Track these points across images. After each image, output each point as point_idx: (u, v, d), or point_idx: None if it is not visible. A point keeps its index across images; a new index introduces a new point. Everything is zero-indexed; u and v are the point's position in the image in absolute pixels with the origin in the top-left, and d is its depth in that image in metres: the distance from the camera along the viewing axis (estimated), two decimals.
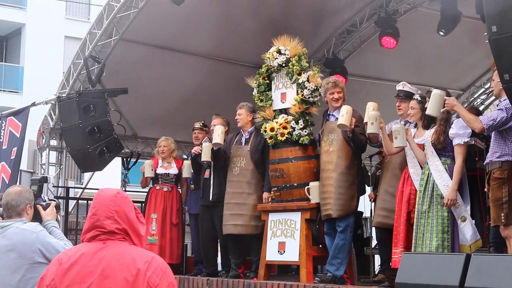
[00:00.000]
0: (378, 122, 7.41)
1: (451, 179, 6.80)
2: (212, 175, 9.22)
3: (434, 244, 6.71)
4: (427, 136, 7.13)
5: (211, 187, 9.18)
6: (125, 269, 3.24)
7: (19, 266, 4.71)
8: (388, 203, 7.70)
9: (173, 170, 10.13)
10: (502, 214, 6.23)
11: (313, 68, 8.49)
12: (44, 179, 6.22)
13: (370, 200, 9.96)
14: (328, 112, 8.07)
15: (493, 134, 6.48)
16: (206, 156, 8.97)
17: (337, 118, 7.75)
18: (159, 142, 10.28)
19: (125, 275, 3.23)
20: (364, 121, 7.54)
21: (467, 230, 6.83)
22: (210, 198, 9.16)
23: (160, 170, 10.08)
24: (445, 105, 6.67)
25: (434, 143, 6.90)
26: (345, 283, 7.58)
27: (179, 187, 10.31)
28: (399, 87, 7.92)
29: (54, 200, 5.42)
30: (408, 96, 7.83)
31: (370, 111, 7.47)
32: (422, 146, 7.25)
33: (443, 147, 6.88)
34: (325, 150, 7.80)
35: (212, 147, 8.88)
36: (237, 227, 8.63)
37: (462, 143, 6.81)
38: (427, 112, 6.85)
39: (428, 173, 6.93)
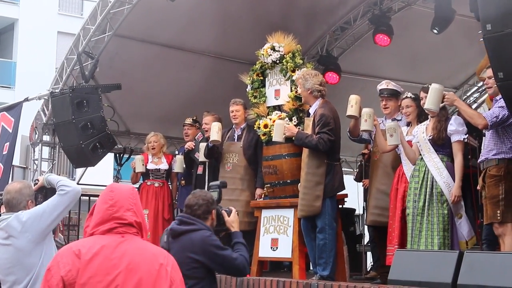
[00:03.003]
0: (371, 119, 7.40)
1: (450, 176, 6.80)
2: (207, 172, 9.22)
3: (436, 242, 6.70)
4: (417, 132, 7.12)
5: (206, 183, 9.18)
6: (148, 263, 3.31)
7: (19, 256, 4.79)
8: (380, 201, 7.69)
9: (163, 165, 10.14)
10: (498, 212, 6.24)
11: (307, 65, 8.50)
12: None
13: (363, 185, 9.88)
14: None
15: (488, 131, 6.49)
16: (203, 157, 8.99)
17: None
18: (149, 138, 10.28)
19: (149, 269, 3.30)
20: (347, 114, 7.52)
21: (464, 227, 6.84)
22: None
23: (150, 166, 10.09)
24: (445, 100, 6.66)
25: (434, 138, 6.88)
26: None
27: (169, 182, 10.31)
28: (382, 86, 7.90)
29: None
30: (394, 94, 7.83)
31: (364, 108, 7.47)
32: (410, 143, 7.25)
33: (442, 144, 6.88)
34: (303, 148, 7.77)
35: (207, 144, 8.87)
36: None
37: (462, 139, 6.82)
38: (425, 106, 6.83)
39: (425, 170, 6.92)
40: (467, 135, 6.94)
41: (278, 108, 8.48)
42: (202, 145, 9.03)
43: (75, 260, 3.28)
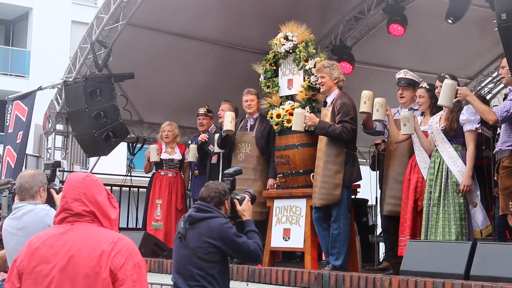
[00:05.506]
0: (383, 108, 7.39)
1: (465, 165, 6.77)
2: (221, 161, 9.22)
3: (453, 231, 6.67)
4: (433, 123, 7.10)
5: (220, 173, 9.18)
6: (90, 249, 3.28)
7: None
8: (397, 191, 7.64)
9: (177, 155, 10.13)
10: (511, 203, 6.21)
11: (320, 55, 8.45)
12: (57, 164, 6.27)
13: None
14: None
15: (502, 124, 6.44)
16: (218, 147, 9.01)
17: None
18: (163, 127, 10.27)
19: (89, 256, 3.26)
20: (360, 111, 7.54)
21: (478, 216, 6.81)
22: None
23: (164, 156, 10.08)
24: (458, 95, 6.62)
25: (446, 129, 6.85)
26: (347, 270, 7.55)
27: (181, 172, 10.32)
28: (400, 74, 7.86)
29: None
30: (411, 84, 7.79)
31: (376, 98, 7.46)
32: (427, 134, 7.22)
33: (455, 134, 6.85)
34: (320, 137, 7.77)
35: (220, 134, 8.87)
36: None
37: (474, 129, 6.78)
38: (439, 102, 6.81)
39: (440, 161, 6.89)
40: (480, 124, 6.90)
41: (291, 98, 8.45)
42: (217, 136, 9.03)
43: (27, 250, 3.34)
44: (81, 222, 3.38)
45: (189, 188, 10.31)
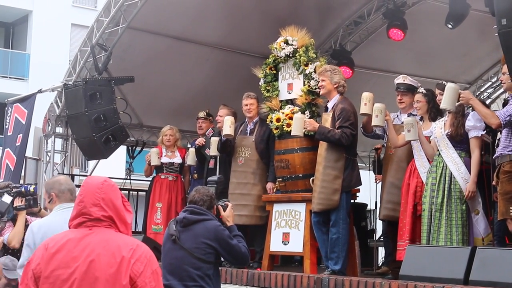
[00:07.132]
0: (383, 114, 7.40)
1: (468, 171, 6.77)
2: (218, 166, 9.22)
3: (455, 238, 6.68)
4: (435, 128, 7.11)
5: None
6: (110, 255, 3.29)
7: None
8: (394, 196, 7.66)
9: (177, 159, 10.15)
10: (511, 208, 6.21)
11: (320, 59, 8.46)
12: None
13: (376, 181, 9.79)
14: None
15: (504, 129, 6.45)
16: (214, 151, 8.99)
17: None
18: (164, 131, 10.27)
19: (109, 261, 3.27)
20: (361, 112, 7.54)
21: (480, 223, 6.82)
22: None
23: (164, 159, 10.09)
24: (460, 99, 6.62)
25: (452, 135, 6.86)
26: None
27: (181, 176, 10.32)
28: (399, 80, 7.88)
29: None
30: (410, 89, 7.80)
31: (376, 103, 7.46)
32: (428, 139, 7.23)
33: (461, 140, 6.85)
34: (320, 142, 7.78)
35: (220, 138, 8.87)
36: (241, 218, 8.60)
37: (479, 135, 6.79)
38: (441, 106, 6.81)
39: (442, 166, 6.89)
40: (485, 131, 6.91)
41: (291, 102, 8.46)
42: (214, 140, 9.02)
43: (44, 254, 3.32)
44: (99, 227, 3.39)
45: (188, 191, 10.31)
